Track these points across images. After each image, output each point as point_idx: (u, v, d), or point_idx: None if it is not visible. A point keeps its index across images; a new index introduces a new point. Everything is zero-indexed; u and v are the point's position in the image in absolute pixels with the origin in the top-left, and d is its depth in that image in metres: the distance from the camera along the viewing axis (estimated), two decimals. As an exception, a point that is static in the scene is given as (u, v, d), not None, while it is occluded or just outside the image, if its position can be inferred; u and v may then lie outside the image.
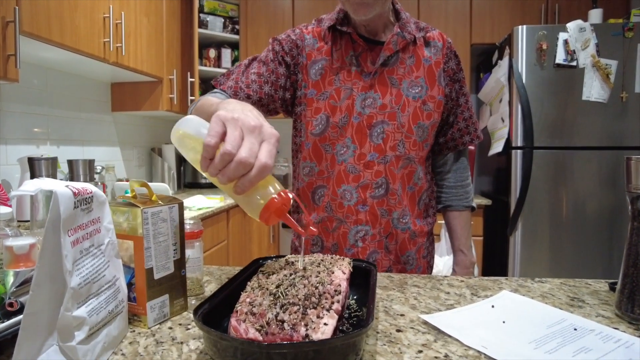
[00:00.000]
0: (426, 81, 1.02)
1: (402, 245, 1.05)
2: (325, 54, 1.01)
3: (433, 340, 0.62)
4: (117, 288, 0.61)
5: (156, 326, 0.67)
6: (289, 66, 1.02)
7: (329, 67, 1.01)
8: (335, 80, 1.01)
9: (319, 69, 1.01)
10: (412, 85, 1.01)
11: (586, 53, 2.13)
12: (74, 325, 0.51)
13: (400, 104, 1.00)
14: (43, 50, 1.66)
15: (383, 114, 1.00)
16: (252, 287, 0.57)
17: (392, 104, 1.00)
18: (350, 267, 0.63)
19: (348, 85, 1.01)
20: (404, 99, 1.00)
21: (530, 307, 0.75)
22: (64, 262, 0.50)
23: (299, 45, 1.02)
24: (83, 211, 0.56)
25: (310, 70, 1.01)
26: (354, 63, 1.00)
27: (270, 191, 0.58)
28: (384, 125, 1.00)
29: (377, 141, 1.01)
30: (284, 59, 1.02)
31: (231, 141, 0.53)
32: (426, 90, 1.02)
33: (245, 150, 0.53)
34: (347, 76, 1.01)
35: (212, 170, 0.55)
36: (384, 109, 1.00)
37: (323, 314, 0.51)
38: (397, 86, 1.01)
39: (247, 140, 0.54)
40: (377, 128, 1.01)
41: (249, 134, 0.55)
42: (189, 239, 0.81)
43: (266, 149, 0.55)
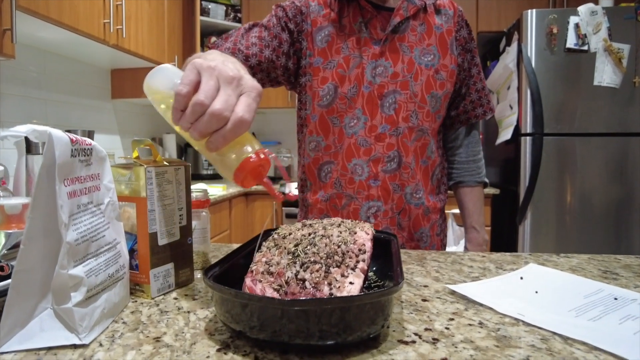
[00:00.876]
0: (438, 49, 0.98)
1: (415, 222, 1.00)
2: (332, 20, 0.97)
3: (464, 309, 0.57)
4: (118, 252, 0.56)
5: (160, 297, 0.62)
6: (292, 33, 0.97)
7: (336, 34, 0.96)
8: (343, 48, 0.96)
9: (325, 36, 0.96)
10: (424, 53, 0.97)
11: (598, 37, 2.08)
12: (70, 285, 0.45)
13: (412, 72, 0.96)
14: (41, 29, 1.60)
15: (395, 82, 0.96)
16: (267, 246, 0.52)
17: (404, 72, 0.96)
18: (372, 230, 0.57)
19: (357, 53, 0.96)
20: (416, 67, 0.96)
21: (562, 278, 0.69)
22: (59, 213, 0.45)
23: (304, 11, 0.98)
24: (81, 163, 0.50)
25: (315, 37, 0.96)
26: (363, 30, 0.96)
27: (246, 150, 0.52)
28: (396, 94, 0.96)
29: (389, 112, 0.96)
30: (287, 25, 0.97)
31: (205, 91, 0.48)
32: (439, 58, 0.97)
33: (220, 102, 0.47)
34: (355, 43, 0.96)
35: (183, 123, 0.50)
36: (395, 78, 0.96)
37: (348, 272, 0.46)
38: (408, 54, 0.96)
39: (223, 91, 0.49)
40: (389, 98, 0.96)
41: (225, 85, 0.49)
42: (196, 209, 0.76)
43: (244, 102, 0.49)
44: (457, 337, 0.48)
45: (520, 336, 0.48)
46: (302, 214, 1.09)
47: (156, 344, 0.46)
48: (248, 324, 0.43)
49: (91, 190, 0.52)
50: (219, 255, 0.87)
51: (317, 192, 1.03)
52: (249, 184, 0.54)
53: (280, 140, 3.33)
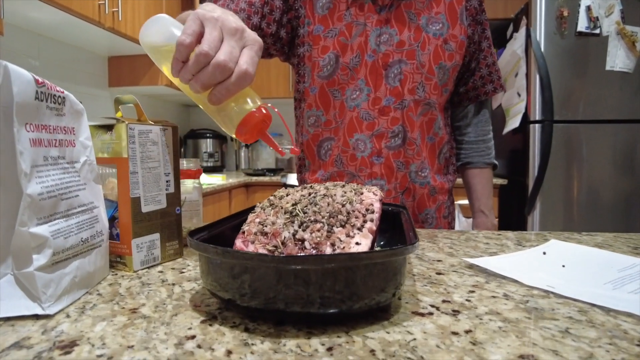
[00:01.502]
0: (447, 18, 0.91)
1: (420, 202, 0.94)
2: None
3: (485, 282, 0.50)
4: (95, 217, 0.49)
5: (143, 270, 0.55)
6: (292, 3, 0.91)
7: (338, 1, 0.90)
8: (346, 15, 0.89)
9: (326, 2, 0.90)
10: (432, 21, 0.90)
11: (610, 20, 2.00)
12: (32, 245, 0.39)
13: (419, 40, 0.89)
14: (32, 9, 1.54)
15: (400, 52, 0.89)
16: (262, 207, 0.46)
17: (410, 41, 0.89)
18: (381, 192, 0.51)
19: (361, 20, 0.89)
20: (423, 36, 0.89)
21: (590, 253, 0.63)
22: (19, 160, 0.38)
23: None
24: (50, 110, 0.44)
25: (315, 4, 0.90)
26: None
27: (249, 104, 0.51)
28: (401, 64, 0.89)
29: (394, 83, 0.89)
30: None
31: (209, 41, 0.46)
32: (447, 28, 0.91)
33: (225, 53, 0.46)
34: (359, 10, 0.89)
35: (184, 75, 0.48)
36: (401, 47, 0.89)
37: (354, 232, 0.40)
38: (415, 21, 0.90)
39: (227, 42, 0.47)
40: (394, 68, 0.89)
41: (229, 37, 0.48)
42: (186, 179, 0.69)
43: (248, 55, 0.48)
44: (481, 309, 0.42)
45: (553, 308, 0.42)
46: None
47: (132, 315, 0.40)
48: (238, 291, 0.37)
49: (63, 145, 0.46)
50: (213, 233, 0.81)
51: (316, 171, 0.97)
52: (252, 139, 0.52)
53: (281, 132, 3.27)
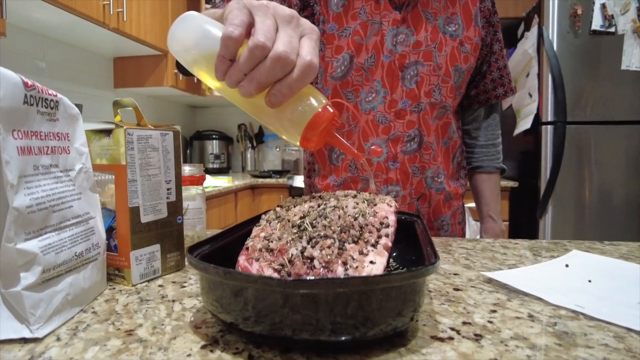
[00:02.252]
0: (462, 19, 0.88)
1: (435, 209, 0.91)
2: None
3: (506, 299, 0.46)
4: (91, 228, 0.47)
5: (143, 284, 0.53)
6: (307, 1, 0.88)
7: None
8: (361, 13, 0.86)
9: (340, 0, 0.87)
10: (448, 22, 0.87)
11: (626, 18, 1.94)
12: (19, 263, 0.36)
13: (436, 41, 0.86)
14: (36, 10, 1.53)
15: (417, 52, 0.86)
16: (267, 219, 0.42)
17: (427, 42, 0.86)
18: (395, 203, 0.47)
19: (376, 19, 0.86)
20: (440, 37, 0.86)
21: (616, 266, 0.59)
22: (4, 171, 0.35)
23: None
24: (41, 115, 0.41)
25: (330, 1, 0.87)
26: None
27: (314, 103, 0.42)
28: (418, 66, 0.86)
29: (411, 85, 0.86)
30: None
31: (264, 31, 0.38)
32: (463, 29, 0.88)
33: (284, 44, 0.38)
34: (374, 8, 0.86)
35: (235, 75, 0.39)
36: (418, 47, 0.86)
37: (367, 249, 0.37)
38: (432, 21, 0.87)
39: (284, 32, 0.39)
40: (411, 70, 0.86)
41: (285, 25, 0.40)
42: (189, 185, 0.66)
43: (309, 45, 0.40)
44: (505, 332, 0.38)
45: (585, 332, 0.38)
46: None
47: (127, 338, 0.37)
48: (241, 314, 0.34)
49: (56, 152, 0.43)
50: (217, 241, 0.78)
51: (327, 176, 0.94)
52: (320, 144, 0.44)
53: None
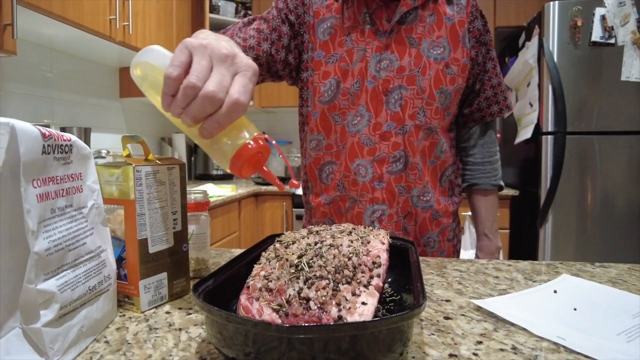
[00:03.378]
0: (449, 42, 0.90)
1: (422, 226, 0.93)
2: (335, 11, 0.90)
3: (493, 329, 0.49)
4: (103, 261, 0.50)
5: (151, 310, 0.56)
6: (294, 25, 0.92)
7: (340, 26, 0.90)
8: (347, 41, 0.89)
9: (327, 28, 0.90)
10: (433, 45, 0.89)
11: (626, 29, 1.96)
12: (39, 302, 0.39)
13: (420, 66, 0.88)
14: (45, 26, 1.57)
15: (401, 77, 0.89)
16: (267, 258, 0.45)
17: (411, 66, 0.88)
18: (388, 238, 0.50)
19: (361, 46, 0.89)
20: (424, 61, 0.89)
21: (603, 293, 0.61)
22: (26, 219, 0.39)
23: (306, 2, 0.92)
24: (57, 161, 0.44)
25: (317, 30, 0.90)
26: (368, 21, 0.89)
27: (243, 135, 0.47)
28: (401, 90, 0.89)
29: (395, 109, 0.89)
30: (288, 17, 0.91)
31: (197, 72, 0.43)
32: (449, 51, 0.90)
33: (213, 83, 0.43)
34: (359, 36, 0.89)
35: (174, 109, 0.45)
36: (402, 72, 0.89)
37: (360, 290, 0.39)
38: (416, 46, 0.89)
39: (217, 71, 0.44)
40: (395, 94, 0.89)
41: (219, 64, 0.45)
42: (194, 212, 0.70)
43: (240, 83, 0.45)
44: (489, 366, 0.41)
45: (564, 366, 0.41)
46: (307, 217, 1.04)
47: (137, 371, 0.40)
48: (242, 349, 0.37)
49: (71, 192, 0.46)
50: (221, 262, 0.81)
51: (319, 194, 0.98)
52: (247, 173, 0.49)
53: (291, 140, 3.27)
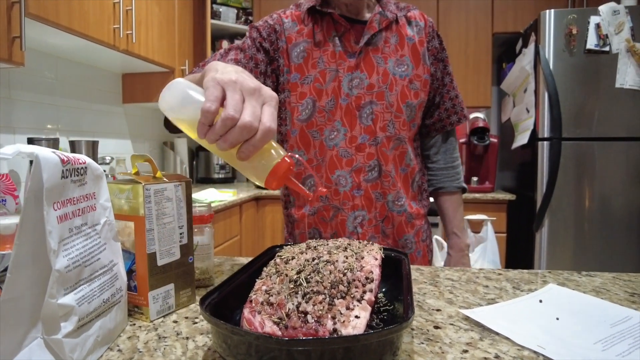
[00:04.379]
0: (411, 60, 0.99)
1: (399, 229, 1.01)
2: (307, 36, 0.98)
3: (479, 339, 0.53)
4: (115, 275, 0.53)
5: (159, 319, 0.59)
6: (268, 52, 0.98)
7: (311, 49, 0.97)
8: (319, 63, 0.97)
9: (300, 52, 0.97)
10: (398, 63, 0.98)
11: (620, 37, 2.00)
12: (59, 314, 0.43)
13: (387, 83, 0.97)
14: (51, 36, 1.60)
15: (371, 94, 0.97)
16: (268, 273, 0.49)
17: (379, 83, 0.97)
18: (381, 253, 0.54)
19: (333, 67, 0.97)
20: (390, 78, 0.97)
21: (585, 303, 0.65)
22: (48, 240, 0.42)
23: (277, 29, 0.98)
24: (74, 183, 0.48)
25: (291, 54, 0.97)
26: (337, 43, 0.97)
27: (274, 155, 0.54)
28: (372, 105, 0.97)
29: (367, 122, 0.97)
30: (262, 45, 0.97)
31: (233, 105, 0.50)
32: (412, 68, 0.99)
33: (249, 114, 0.50)
34: (331, 57, 0.97)
35: (211, 137, 0.51)
36: (371, 89, 0.97)
37: (353, 305, 0.43)
38: (382, 65, 0.97)
39: (249, 103, 0.51)
40: (366, 109, 0.97)
41: (249, 97, 0.52)
42: (199, 224, 0.73)
43: (269, 112, 0.52)
44: (472, 374, 0.44)
45: (541, 374, 0.44)
46: (288, 229, 1.08)
47: (149, 378, 0.44)
48: (245, 359, 0.40)
49: (86, 211, 0.50)
50: (223, 270, 0.84)
51: (301, 207, 1.03)
52: (279, 185, 0.56)
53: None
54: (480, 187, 2.54)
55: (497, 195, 2.42)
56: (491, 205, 2.41)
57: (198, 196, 2.15)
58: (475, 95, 2.73)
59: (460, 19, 2.72)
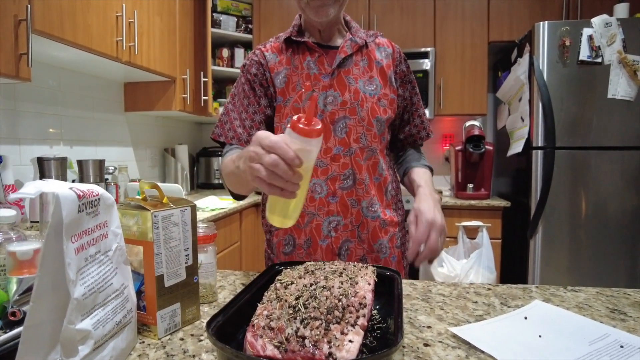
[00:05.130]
0: (380, 80, 1.08)
1: (373, 234, 1.06)
2: (286, 63, 1.07)
3: (465, 357, 0.57)
4: (126, 297, 0.57)
5: (167, 337, 0.63)
6: (262, 84, 1.07)
7: (291, 75, 1.06)
8: (298, 85, 1.05)
9: (282, 78, 1.06)
10: (367, 83, 1.06)
11: (612, 49, 2.04)
12: (77, 339, 0.47)
13: (359, 100, 1.04)
14: (56, 50, 1.64)
15: (344, 109, 1.04)
16: (269, 298, 0.53)
17: (351, 100, 1.04)
18: (374, 276, 0.58)
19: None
20: (361, 96, 1.05)
21: (567, 320, 0.69)
22: (67, 271, 0.46)
23: (262, 63, 1.07)
24: (88, 215, 0.52)
25: (275, 81, 1.06)
26: (312, 67, 1.05)
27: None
28: (346, 120, 1.04)
29: (341, 135, 1.04)
30: (255, 82, 1.07)
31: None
32: (380, 88, 1.07)
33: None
34: (306, 79, 1.05)
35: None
36: (344, 105, 1.04)
37: (347, 329, 0.47)
38: (354, 84, 1.05)
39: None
40: (340, 123, 1.04)
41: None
42: (202, 244, 0.77)
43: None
44: (457, 392, 0.48)
45: (520, 392, 0.48)
46: (267, 239, 1.14)
47: (160, 397, 0.47)
48: (249, 380, 0.44)
49: (99, 240, 0.54)
50: (225, 285, 0.88)
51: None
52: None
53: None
54: (475, 194, 2.58)
55: (493, 202, 2.46)
56: (487, 212, 2.45)
57: (199, 204, 2.19)
58: (471, 102, 2.77)
59: (456, 27, 2.76)
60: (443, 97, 2.78)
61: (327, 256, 1.03)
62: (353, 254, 1.04)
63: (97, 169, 1.81)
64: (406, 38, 2.80)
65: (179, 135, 3.16)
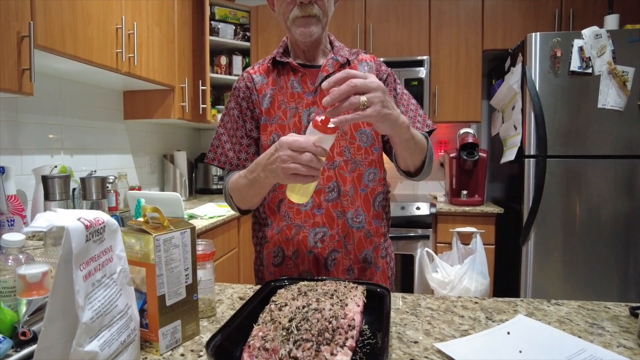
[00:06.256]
0: None
1: (358, 245, 1.09)
2: (272, 84, 1.11)
3: (448, 373, 0.60)
4: (130, 317, 0.61)
5: (168, 352, 0.67)
6: (249, 108, 1.12)
7: (276, 94, 1.10)
8: (282, 104, 1.09)
9: (268, 98, 1.10)
10: None
11: (602, 60, 2.09)
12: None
13: None
14: (57, 62, 1.67)
15: None
16: (264, 320, 0.57)
17: None
18: (364, 297, 0.61)
19: (293, 105, 1.09)
20: None
21: (548, 335, 0.73)
22: (76, 298, 0.50)
23: (250, 86, 1.12)
24: (95, 242, 0.55)
25: (262, 102, 1.10)
26: (296, 86, 1.09)
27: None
28: None
29: None
30: (242, 106, 1.12)
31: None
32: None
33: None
34: (290, 98, 1.09)
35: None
36: None
37: (337, 350, 0.51)
38: None
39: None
40: None
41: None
42: (201, 261, 0.81)
43: None
44: (438, 408, 0.52)
45: (497, 408, 0.52)
46: (256, 251, 1.17)
47: (162, 414, 0.51)
48: (245, 398, 0.48)
49: (104, 264, 0.58)
50: (223, 299, 0.92)
51: (274, 227, 1.12)
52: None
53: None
54: (469, 200, 2.62)
55: (486, 209, 2.51)
56: (480, 218, 2.50)
57: (197, 211, 2.22)
58: (465, 110, 2.81)
59: (451, 36, 2.81)
60: (438, 104, 2.82)
61: (314, 267, 1.06)
62: (340, 264, 1.07)
63: (99, 186, 1.88)
64: (402, 46, 2.85)
65: (178, 141, 3.20)
